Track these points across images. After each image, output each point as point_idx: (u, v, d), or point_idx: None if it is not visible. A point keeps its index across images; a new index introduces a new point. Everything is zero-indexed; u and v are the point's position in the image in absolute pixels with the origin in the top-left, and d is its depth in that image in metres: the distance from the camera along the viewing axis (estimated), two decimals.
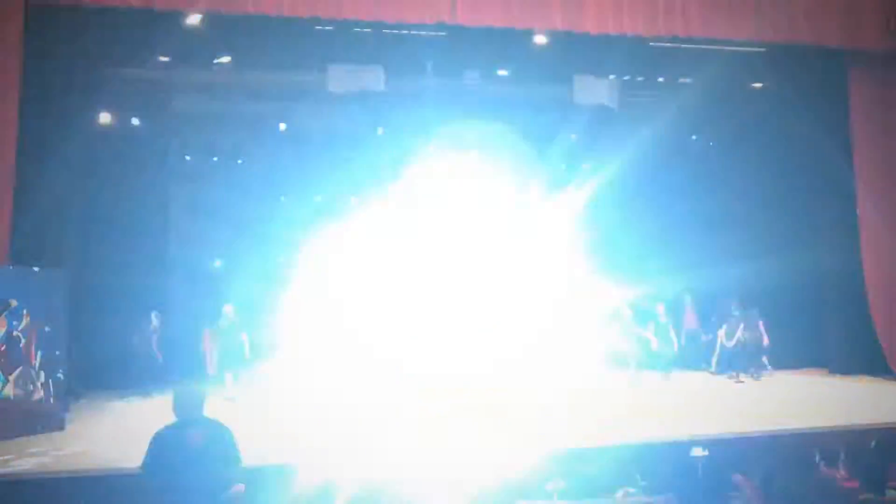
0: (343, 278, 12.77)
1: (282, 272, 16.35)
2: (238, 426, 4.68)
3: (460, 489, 3.41)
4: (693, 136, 14.95)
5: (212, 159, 14.50)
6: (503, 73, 12.28)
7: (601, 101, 11.81)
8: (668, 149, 15.05)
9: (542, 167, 16.13)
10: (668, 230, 14.97)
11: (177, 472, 4.05)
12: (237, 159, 14.70)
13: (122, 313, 11.68)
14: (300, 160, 15.65)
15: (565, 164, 16.18)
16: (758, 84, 12.57)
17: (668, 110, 13.56)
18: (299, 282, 12.28)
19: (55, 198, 9.77)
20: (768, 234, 13.24)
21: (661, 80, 12.83)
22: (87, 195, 10.78)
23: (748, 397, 9.88)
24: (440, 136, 13.72)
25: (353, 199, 16.84)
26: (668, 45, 10.30)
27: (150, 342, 11.38)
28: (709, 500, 3.79)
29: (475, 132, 14.32)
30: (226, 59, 11.42)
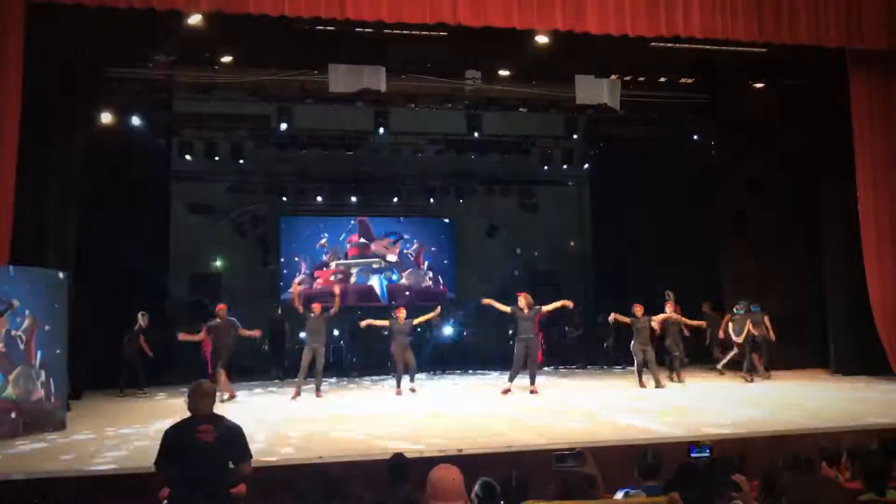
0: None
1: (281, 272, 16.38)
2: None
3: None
4: (694, 136, 14.95)
5: (213, 159, 14.51)
6: (504, 73, 12.28)
7: (603, 102, 11.79)
8: (668, 149, 15.09)
9: (544, 167, 16.16)
10: (670, 230, 14.98)
11: (185, 467, 4.10)
12: (238, 159, 14.71)
13: (122, 313, 11.72)
14: (301, 160, 15.67)
15: (567, 165, 16.21)
16: (759, 84, 12.56)
17: (669, 110, 13.60)
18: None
19: (56, 197, 9.79)
20: (769, 234, 13.24)
21: (663, 80, 12.83)
22: (88, 195, 10.78)
23: (749, 397, 9.86)
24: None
25: (354, 199, 16.88)
26: (670, 45, 10.28)
27: (138, 341, 11.49)
28: (710, 501, 3.77)
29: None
30: (227, 58, 11.42)
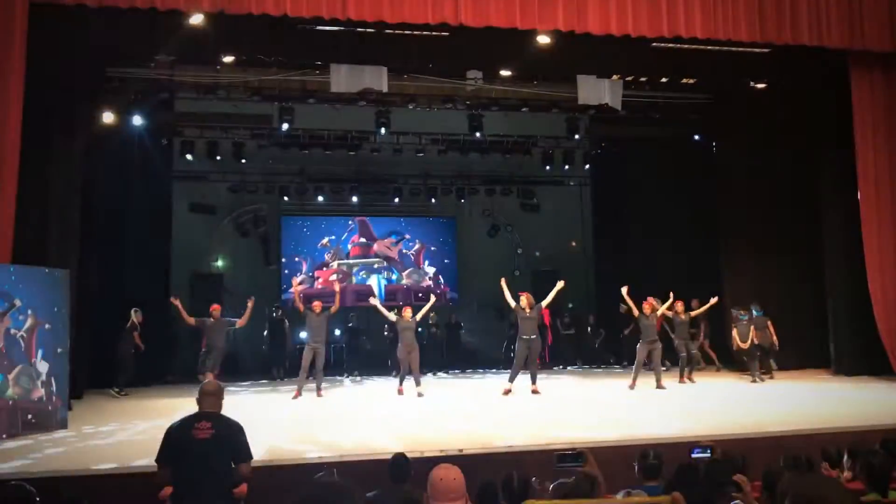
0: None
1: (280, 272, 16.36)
2: None
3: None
4: (695, 136, 14.94)
5: (214, 159, 14.52)
6: (506, 73, 12.27)
7: (604, 102, 11.79)
8: (669, 149, 15.08)
9: (545, 167, 16.16)
10: (670, 230, 14.97)
11: (183, 464, 4.16)
12: (240, 159, 14.72)
13: (124, 312, 11.72)
14: (302, 160, 15.67)
15: (568, 165, 16.21)
16: (760, 84, 12.56)
17: (671, 111, 13.59)
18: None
19: (58, 197, 9.79)
20: (769, 234, 13.23)
21: (664, 80, 12.82)
22: (89, 194, 10.79)
23: (751, 398, 9.85)
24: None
25: (355, 199, 16.87)
26: (671, 45, 10.27)
27: (132, 339, 11.52)
28: (711, 501, 3.76)
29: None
30: (228, 58, 11.42)
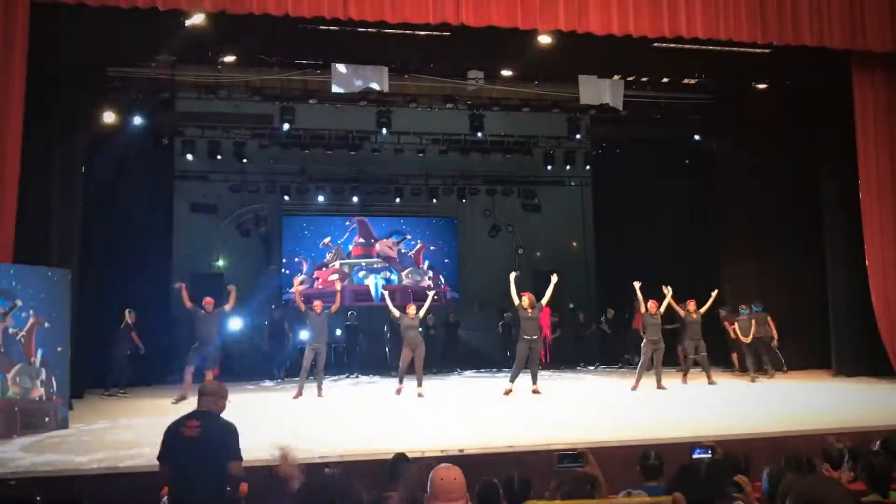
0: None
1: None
2: None
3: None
4: (696, 136, 14.93)
5: (215, 158, 14.52)
6: (507, 73, 12.27)
7: (605, 102, 11.79)
8: (670, 149, 15.08)
9: (546, 167, 16.16)
10: (671, 230, 14.97)
11: (176, 462, 4.27)
12: (241, 159, 14.72)
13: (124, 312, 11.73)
14: (303, 160, 15.67)
15: (569, 165, 16.21)
16: (761, 85, 12.55)
17: (672, 111, 13.59)
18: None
19: (59, 196, 9.79)
20: (769, 234, 13.23)
21: (665, 80, 12.83)
22: (90, 193, 10.79)
23: (752, 398, 9.85)
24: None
25: (356, 199, 16.88)
26: (673, 45, 10.27)
27: (128, 339, 11.55)
28: (712, 502, 3.76)
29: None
30: (229, 58, 11.42)
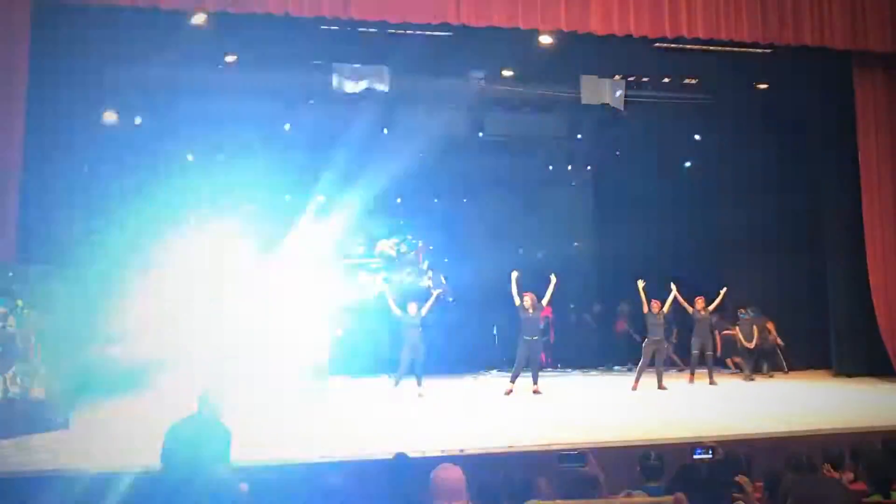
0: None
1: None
2: None
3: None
4: (696, 136, 14.92)
5: (216, 158, 14.50)
6: (508, 73, 12.26)
7: (607, 102, 11.79)
8: (671, 150, 15.06)
9: (548, 167, 16.15)
10: (672, 230, 14.95)
11: (168, 464, 4.43)
12: (242, 159, 14.69)
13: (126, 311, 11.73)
14: (305, 160, 15.64)
15: (570, 165, 16.19)
16: (763, 85, 12.55)
17: (672, 111, 13.57)
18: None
19: (60, 195, 9.80)
20: (769, 234, 13.22)
21: (666, 80, 12.82)
22: (91, 193, 10.80)
23: (752, 398, 9.85)
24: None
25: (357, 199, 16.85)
26: (674, 45, 10.27)
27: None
28: (712, 502, 3.77)
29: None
30: (231, 58, 11.43)
